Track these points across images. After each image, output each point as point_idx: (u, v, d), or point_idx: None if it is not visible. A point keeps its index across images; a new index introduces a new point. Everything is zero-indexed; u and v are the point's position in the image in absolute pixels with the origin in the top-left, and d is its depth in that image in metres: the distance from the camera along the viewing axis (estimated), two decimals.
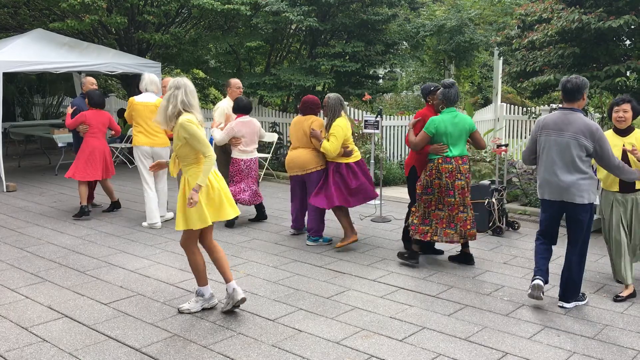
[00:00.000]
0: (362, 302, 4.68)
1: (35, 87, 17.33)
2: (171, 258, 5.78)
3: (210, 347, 3.87)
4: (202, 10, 11.54)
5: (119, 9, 11.47)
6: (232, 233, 6.73)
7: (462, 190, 5.37)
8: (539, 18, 7.36)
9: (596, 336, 4.06)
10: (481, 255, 5.95)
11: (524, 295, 4.82)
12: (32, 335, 4.05)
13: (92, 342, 3.95)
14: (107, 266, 5.57)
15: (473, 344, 3.93)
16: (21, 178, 10.29)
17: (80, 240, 6.47)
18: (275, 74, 11.67)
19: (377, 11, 11.66)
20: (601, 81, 6.61)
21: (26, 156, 12.89)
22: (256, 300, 4.71)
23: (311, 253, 5.99)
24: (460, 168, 5.35)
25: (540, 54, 7.46)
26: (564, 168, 4.38)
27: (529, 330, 4.16)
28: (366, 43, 11.55)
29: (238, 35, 12.57)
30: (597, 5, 6.64)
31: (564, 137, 4.35)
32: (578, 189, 4.36)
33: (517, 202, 8.17)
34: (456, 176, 5.34)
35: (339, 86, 11.71)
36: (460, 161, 5.37)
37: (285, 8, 10.89)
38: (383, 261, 5.73)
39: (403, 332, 4.12)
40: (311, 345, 3.91)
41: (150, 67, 10.88)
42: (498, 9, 11.11)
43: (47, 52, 9.82)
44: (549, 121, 4.45)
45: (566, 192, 4.39)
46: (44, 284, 5.09)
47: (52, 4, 11.19)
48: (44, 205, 8.21)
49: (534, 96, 8.18)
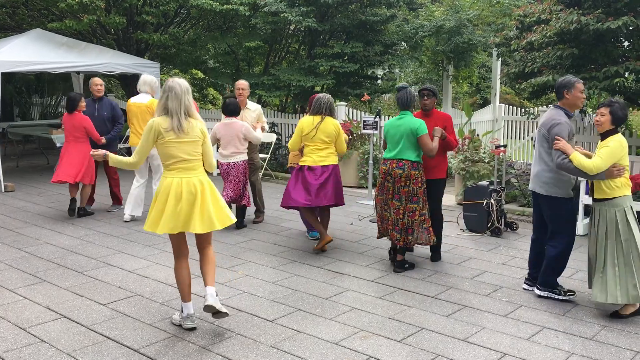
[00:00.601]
0: (360, 302, 4.68)
1: (34, 87, 17.30)
2: (170, 258, 5.77)
3: (208, 348, 3.87)
4: (201, 10, 11.53)
5: (118, 9, 11.46)
6: (231, 234, 6.73)
7: (409, 197, 5.31)
8: (537, 19, 7.36)
9: (594, 337, 4.07)
10: (480, 256, 5.96)
11: (523, 295, 4.82)
12: (31, 336, 4.04)
13: (91, 342, 3.95)
14: (105, 267, 5.56)
15: (472, 345, 3.93)
16: (19, 178, 10.28)
17: (79, 240, 6.46)
18: (274, 74, 11.67)
19: (375, 12, 11.67)
20: (600, 82, 6.62)
21: (24, 156, 12.87)
22: (255, 301, 4.70)
23: (310, 254, 5.99)
24: (410, 173, 5.29)
25: (539, 55, 7.47)
26: (535, 159, 4.76)
27: (528, 331, 4.16)
28: (365, 44, 11.56)
29: (237, 35, 12.56)
30: (595, 7, 6.65)
31: (539, 131, 4.69)
32: (539, 180, 4.68)
33: (515, 202, 8.18)
34: (404, 182, 5.30)
35: (338, 87, 11.72)
36: (396, 164, 5.30)
37: (284, 8, 10.89)
38: (381, 262, 5.73)
39: (402, 333, 4.12)
40: (310, 346, 3.91)
41: (148, 67, 10.87)
42: (497, 10, 11.11)
43: (46, 52, 9.80)
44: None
45: (533, 182, 4.78)
46: (42, 284, 5.08)
47: (51, 4, 11.17)
48: (42, 205, 8.20)
49: (532, 97, 8.19)
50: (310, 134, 5.96)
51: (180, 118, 3.92)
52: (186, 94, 3.94)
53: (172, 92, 3.90)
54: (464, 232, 6.87)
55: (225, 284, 5.08)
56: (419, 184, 5.35)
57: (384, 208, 5.46)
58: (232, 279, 5.21)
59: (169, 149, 3.93)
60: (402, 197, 5.34)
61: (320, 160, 5.96)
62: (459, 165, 8.15)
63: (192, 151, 3.98)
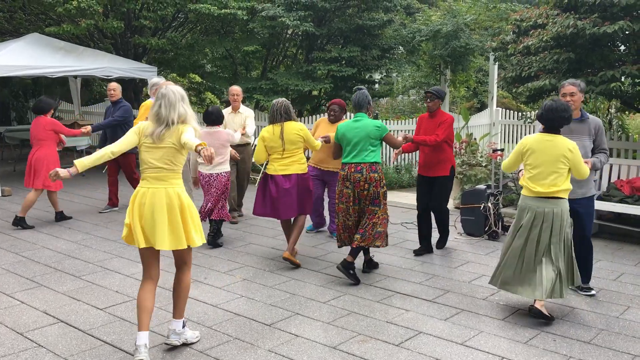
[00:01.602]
0: (358, 306, 4.68)
1: (31, 92, 17.29)
2: (166, 263, 5.76)
3: (206, 352, 3.86)
4: (199, 14, 11.54)
5: (115, 13, 11.47)
6: (229, 237, 6.72)
7: (370, 200, 5.20)
8: (534, 23, 7.38)
9: (592, 340, 4.07)
10: (477, 259, 5.96)
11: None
12: (28, 341, 4.03)
13: (88, 347, 3.94)
14: (102, 271, 5.55)
15: (469, 349, 3.93)
16: (17, 182, 10.26)
17: (76, 245, 6.45)
18: (272, 79, 11.68)
19: (372, 16, 11.69)
20: (596, 86, 6.64)
21: (21, 160, 12.84)
22: (252, 305, 4.70)
23: (307, 257, 5.98)
24: (369, 177, 5.16)
25: (536, 59, 7.49)
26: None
27: (525, 334, 4.16)
28: (362, 48, 11.58)
29: (234, 39, 12.58)
30: (592, 11, 6.67)
31: None
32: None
33: (512, 206, 8.18)
34: (363, 185, 5.16)
35: (336, 91, 11.73)
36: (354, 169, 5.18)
37: (281, 13, 10.91)
38: (379, 265, 5.73)
39: (399, 337, 4.12)
40: (308, 350, 3.91)
41: (146, 71, 10.87)
42: (493, 14, 11.13)
43: (43, 56, 9.81)
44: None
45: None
46: (40, 288, 5.07)
47: (48, 8, 11.18)
48: (40, 209, 8.18)
49: (529, 101, 8.20)
50: (275, 146, 5.62)
51: (165, 126, 3.68)
52: (180, 102, 3.72)
53: (165, 98, 3.70)
54: (462, 236, 6.88)
55: (222, 288, 5.08)
56: (378, 187, 5.19)
57: (347, 217, 5.29)
58: (229, 283, 5.21)
59: (142, 153, 3.74)
60: (361, 200, 5.21)
61: (282, 169, 5.63)
62: (456, 169, 8.17)
63: (164, 158, 3.68)
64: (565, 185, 4.29)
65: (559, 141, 4.29)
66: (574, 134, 4.81)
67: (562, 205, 4.32)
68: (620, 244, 6.52)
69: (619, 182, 6.92)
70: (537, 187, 4.31)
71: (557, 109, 4.27)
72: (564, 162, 4.25)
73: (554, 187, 4.27)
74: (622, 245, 6.48)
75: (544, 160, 4.27)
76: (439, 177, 5.91)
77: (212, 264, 5.78)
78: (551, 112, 4.28)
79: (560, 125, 4.31)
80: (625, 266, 5.73)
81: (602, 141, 4.84)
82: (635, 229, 6.61)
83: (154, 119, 3.72)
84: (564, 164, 4.26)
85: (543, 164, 4.27)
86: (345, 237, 5.39)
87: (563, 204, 4.33)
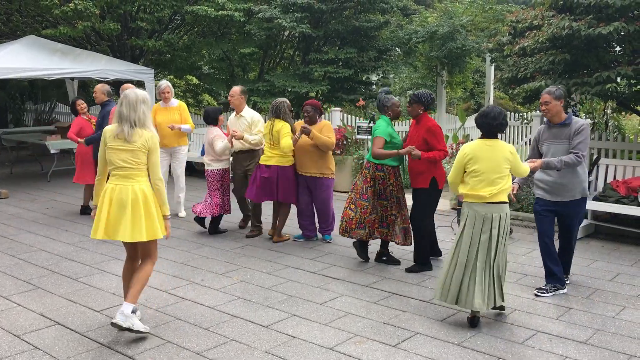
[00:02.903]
0: (355, 307, 4.69)
1: (28, 94, 17.27)
2: (164, 265, 5.77)
3: (203, 354, 3.87)
4: (196, 16, 11.55)
5: (112, 15, 11.47)
6: (226, 239, 6.73)
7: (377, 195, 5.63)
8: (529, 25, 7.41)
9: (588, 341, 4.09)
10: None
11: (516, 300, 4.84)
12: (25, 343, 4.03)
13: (85, 349, 3.94)
14: (99, 273, 5.55)
15: (466, 349, 3.94)
16: (13, 185, 10.25)
17: (73, 247, 6.44)
18: (268, 80, 11.69)
19: (369, 18, 11.72)
20: (592, 87, 6.66)
21: (18, 163, 12.83)
22: (249, 307, 4.70)
23: (304, 259, 5.99)
24: (375, 175, 5.57)
25: (532, 60, 7.52)
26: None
27: (522, 335, 4.17)
28: (359, 49, 11.60)
29: (231, 41, 12.59)
30: (587, 12, 6.70)
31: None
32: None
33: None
34: (370, 182, 5.60)
35: (333, 92, 11.75)
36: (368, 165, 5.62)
37: (278, 15, 10.93)
38: (376, 267, 5.74)
39: (396, 338, 4.12)
40: (305, 351, 3.92)
41: (143, 73, 10.87)
42: (489, 15, 11.16)
43: (40, 58, 9.80)
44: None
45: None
46: (37, 291, 5.06)
47: (45, 10, 11.17)
48: (36, 212, 8.18)
49: (525, 102, 8.23)
50: (266, 139, 6.49)
51: (129, 126, 3.99)
52: (141, 104, 4.02)
53: (126, 99, 4.02)
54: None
55: (220, 290, 5.08)
56: (385, 185, 5.57)
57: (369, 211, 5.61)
58: (227, 285, 5.21)
59: (108, 155, 4.07)
60: (370, 197, 5.60)
61: (265, 160, 6.45)
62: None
63: (130, 159, 4.01)
64: (507, 185, 4.32)
65: (499, 145, 4.34)
66: (556, 139, 4.88)
67: (507, 210, 4.34)
68: (616, 244, 6.54)
69: (615, 182, 6.94)
70: (483, 192, 4.29)
71: (487, 115, 4.34)
72: (506, 165, 4.32)
73: (498, 190, 4.28)
74: (618, 245, 6.50)
75: (488, 166, 4.29)
76: (417, 189, 5.55)
77: (209, 265, 5.78)
78: (482, 117, 4.37)
79: (492, 131, 4.34)
80: (622, 266, 5.75)
81: (577, 142, 4.80)
82: (631, 230, 6.64)
83: (116, 117, 4.06)
84: (506, 167, 4.32)
85: (487, 169, 4.29)
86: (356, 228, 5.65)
87: (507, 209, 4.34)
